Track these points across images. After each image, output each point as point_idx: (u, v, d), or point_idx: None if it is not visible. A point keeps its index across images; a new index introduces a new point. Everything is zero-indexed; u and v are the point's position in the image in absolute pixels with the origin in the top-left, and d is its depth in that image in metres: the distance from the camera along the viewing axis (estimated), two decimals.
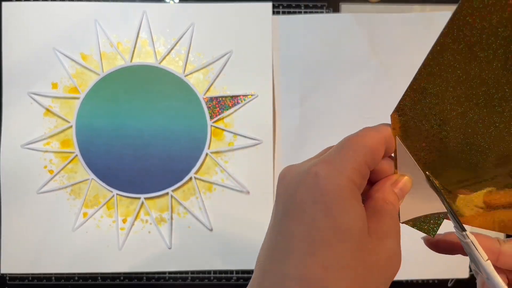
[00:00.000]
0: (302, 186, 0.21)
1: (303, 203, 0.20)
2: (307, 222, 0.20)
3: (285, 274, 0.19)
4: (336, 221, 0.20)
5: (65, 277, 0.54)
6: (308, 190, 0.21)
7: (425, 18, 0.54)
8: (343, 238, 0.19)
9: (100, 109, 0.53)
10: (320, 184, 0.20)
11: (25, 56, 0.54)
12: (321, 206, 0.20)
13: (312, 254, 0.19)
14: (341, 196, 0.20)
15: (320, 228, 0.20)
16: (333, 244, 0.19)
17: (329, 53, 0.54)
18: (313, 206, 0.20)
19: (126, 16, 0.54)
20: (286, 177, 0.23)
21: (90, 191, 0.54)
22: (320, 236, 0.19)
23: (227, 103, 0.54)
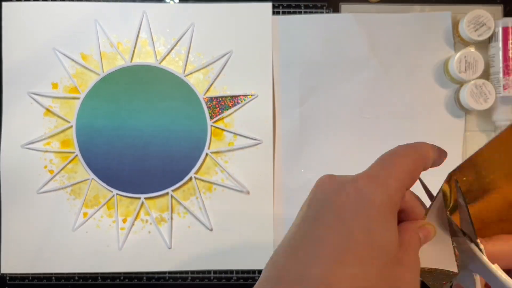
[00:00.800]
0: (343, 196, 0.21)
1: (342, 213, 0.20)
2: (343, 231, 0.20)
3: (307, 276, 0.19)
4: (374, 237, 0.20)
5: (65, 277, 0.54)
6: (349, 200, 0.21)
7: (425, 18, 0.54)
8: (376, 256, 0.19)
9: (100, 109, 0.53)
10: (363, 197, 0.20)
11: (25, 56, 0.54)
12: (362, 219, 0.20)
13: (341, 263, 0.19)
14: (383, 213, 0.20)
15: (356, 240, 0.19)
16: (365, 259, 0.19)
17: (329, 53, 0.54)
18: (353, 218, 0.20)
19: (126, 16, 0.54)
20: (326, 183, 0.22)
21: (90, 191, 0.54)
22: (354, 248, 0.19)
23: (227, 103, 0.54)
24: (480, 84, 0.51)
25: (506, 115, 0.52)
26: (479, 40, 0.52)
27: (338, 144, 0.54)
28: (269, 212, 0.53)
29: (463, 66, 0.51)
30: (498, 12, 0.55)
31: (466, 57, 0.51)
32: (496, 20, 0.52)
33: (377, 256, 0.19)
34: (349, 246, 0.19)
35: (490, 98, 0.51)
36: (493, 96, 0.51)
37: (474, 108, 0.51)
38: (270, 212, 0.53)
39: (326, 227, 0.20)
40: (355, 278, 0.19)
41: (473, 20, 0.51)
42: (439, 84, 0.54)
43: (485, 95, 0.51)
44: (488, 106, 0.51)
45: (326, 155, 0.54)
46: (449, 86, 0.54)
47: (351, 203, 0.20)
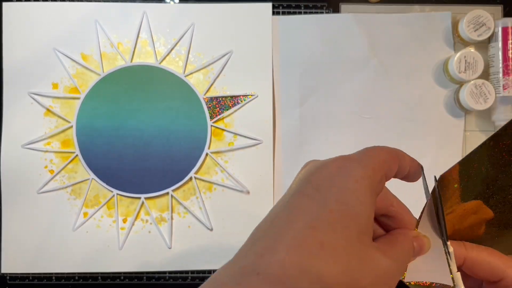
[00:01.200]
0: (324, 171, 0.22)
1: (319, 184, 0.21)
2: (318, 200, 0.21)
3: (281, 239, 0.20)
4: (348, 208, 0.20)
5: (66, 276, 0.54)
6: (329, 174, 0.22)
7: (425, 19, 0.54)
8: (348, 225, 0.20)
9: (101, 109, 0.53)
10: (342, 172, 0.21)
11: (25, 56, 0.54)
12: (337, 190, 0.21)
13: (313, 228, 0.20)
14: (360, 187, 0.21)
15: (331, 209, 0.20)
16: (337, 227, 0.20)
17: (329, 53, 0.55)
18: (329, 188, 0.21)
19: (127, 16, 0.54)
20: (309, 164, 0.24)
21: (90, 191, 0.54)
22: (327, 216, 0.20)
23: (227, 103, 0.54)
24: (479, 84, 0.51)
25: (506, 115, 0.52)
26: (479, 40, 0.52)
27: (338, 144, 0.54)
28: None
29: (462, 66, 0.51)
30: (498, 12, 0.55)
31: (466, 57, 0.51)
32: (495, 20, 0.52)
33: (348, 226, 0.20)
34: (323, 213, 0.20)
35: (490, 98, 0.51)
36: (493, 96, 0.51)
37: (474, 108, 0.51)
38: None
39: (304, 196, 0.21)
40: (325, 244, 0.19)
41: (473, 20, 0.51)
42: (439, 84, 0.55)
43: (484, 95, 0.51)
44: (488, 106, 0.51)
45: (326, 155, 0.54)
46: (448, 86, 0.54)
47: (331, 176, 0.22)
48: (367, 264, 0.20)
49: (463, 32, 0.52)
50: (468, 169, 0.26)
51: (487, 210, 0.26)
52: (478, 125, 0.54)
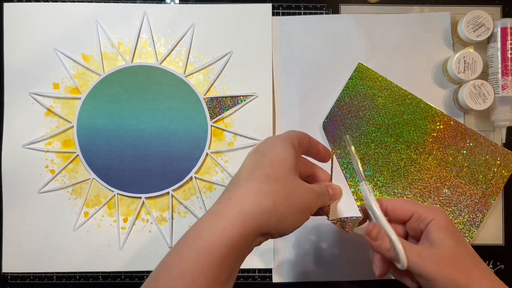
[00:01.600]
0: (260, 143, 0.36)
1: (258, 150, 0.35)
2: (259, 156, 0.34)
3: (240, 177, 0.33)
4: (278, 154, 0.34)
5: (66, 276, 0.54)
6: (262, 144, 0.36)
7: (424, 19, 0.55)
8: (280, 164, 0.34)
9: (101, 109, 0.54)
10: (270, 140, 0.36)
11: (26, 56, 0.54)
12: (270, 148, 0.35)
13: (259, 169, 0.33)
14: (282, 143, 0.35)
15: (267, 157, 0.34)
16: (273, 165, 0.33)
17: (328, 54, 0.55)
18: (265, 149, 0.35)
19: (127, 16, 0.54)
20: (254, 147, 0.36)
21: (91, 191, 0.54)
22: (266, 161, 0.34)
23: (227, 103, 0.54)
24: (478, 85, 0.51)
25: (505, 115, 0.52)
26: (478, 41, 0.52)
27: None
28: None
29: (462, 67, 0.51)
30: (497, 12, 0.55)
31: (465, 57, 0.51)
32: (494, 20, 0.53)
33: (280, 164, 0.34)
34: (263, 160, 0.34)
35: (489, 98, 0.51)
36: (492, 96, 0.51)
37: (473, 108, 0.51)
38: None
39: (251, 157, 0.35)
40: (269, 174, 0.33)
41: (472, 21, 0.52)
42: (438, 84, 0.55)
43: (483, 95, 0.51)
44: (487, 106, 0.51)
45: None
46: (448, 86, 0.55)
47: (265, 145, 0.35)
48: (295, 185, 0.34)
49: (462, 33, 0.52)
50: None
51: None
52: (477, 125, 0.55)
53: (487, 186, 0.52)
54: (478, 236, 0.54)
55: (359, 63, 0.54)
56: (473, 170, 0.53)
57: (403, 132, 0.53)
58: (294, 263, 0.54)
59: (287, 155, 0.34)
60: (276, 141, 0.35)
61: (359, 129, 0.54)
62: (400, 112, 0.54)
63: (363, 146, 0.53)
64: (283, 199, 0.32)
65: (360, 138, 0.54)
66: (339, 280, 0.53)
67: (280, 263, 0.54)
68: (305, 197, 0.34)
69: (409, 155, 0.53)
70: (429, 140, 0.53)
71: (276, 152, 0.34)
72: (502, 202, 0.54)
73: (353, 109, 0.54)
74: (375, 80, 0.54)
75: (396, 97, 0.54)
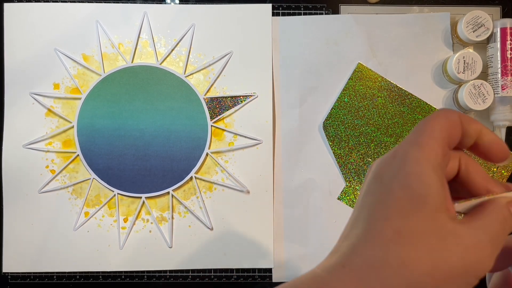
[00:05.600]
0: (382, 163, 0.22)
1: (382, 178, 0.22)
2: (383, 192, 0.21)
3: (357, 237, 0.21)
4: (411, 190, 0.20)
5: (67, 276, 0.54)
6: (386, 165, 0.22)
7: (424, 19, 0.55)
8: (417, 207, 0.20)
9: (102, 110, 0.54)
10: (398, 159, 0.22)
11: (27, 56, 0.54)
12: (398, 178, 0.21)
13: (385, 219, 0.20)
14: (418, 169, 0.21)
15: (396, 197, 0.21)
16: (407, 212, 0.20)
17: (328, 54, 0.55)
18: (391, 179, 0.21)
19: (127, 17, 0.54)
20: (375, 163, 0.24)
21: (91, 190, 0.54)
22: (395, 204, 0.21)
23: (227, 104, 0.54)
24: (478, 85, 0.51)
25: (504, 116, 0.52)
26: (478, 41, 0.52)
27: None
28: (269, 212, 0.54)
29: (461, 67, 0.52)
30: (497, 13, 0.55)
31: (465, 57, 0.51)
32: (494, 21, 0.53)
33: (418, 207, 0.20)
34: (390, 202, 0.21)
35: (488, 98, 0.51)
36: (491, 96, 0.51)
37: (473, 109, 0.51)
38: (270, 211, 0.54)
39: (372, 195, 0.22)
40: (401, 230, 0.20)
41: (472, 21, 0.52)
42: (438, 85, 0.55)
43: (483, 96, 0.51)
44: (486, 106, 0.51)
45: (326, 155, 0.54)
46: (447, 87, 0.55)
47: (389, 168, 0.22)
48: (449, 241, 0.20)
49: (461, 33, 0.52)
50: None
51: None
52: None
53: None
54: None
55: (359, 63, 0.54)
56: None
57: (403, 132, 0.54)
58: (294, 263, 0.54)
59: (429, 190, 0.20)
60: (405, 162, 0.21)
61: (359, 129, 0.54)
62: (400, 112, 0.54)
63: (363, 146, 0.54)
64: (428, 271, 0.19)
65: (360, 138, 0.54)
66: None
67: (280, 263, 0.54)
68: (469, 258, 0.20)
69: None
70: None
71: (410, 186, 0.21)
72: None
73: (353, 109, 0.54)
74: (375, 80, 0.54)
75: (396, 97, 0.54)
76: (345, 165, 0.54)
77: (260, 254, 0.54)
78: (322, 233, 0.54)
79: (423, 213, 0.20)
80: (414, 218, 0.20)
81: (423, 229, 0.20)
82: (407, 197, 0.20)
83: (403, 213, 0.20)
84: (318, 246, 0.54)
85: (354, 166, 0.54)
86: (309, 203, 0.54)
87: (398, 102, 0.54)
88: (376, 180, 0.22)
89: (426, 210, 0.20)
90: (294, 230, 0.54)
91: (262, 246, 0.53)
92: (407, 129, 0.53)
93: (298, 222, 0.54)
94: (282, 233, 0.54)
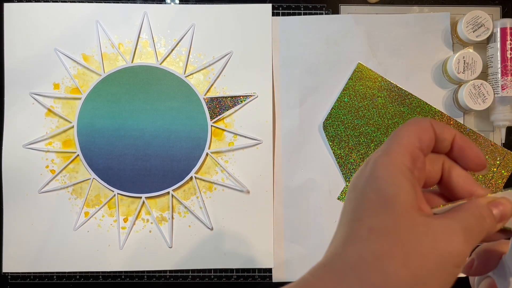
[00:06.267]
0: (358, 174, 0.24)
1: (356, 186, 0.23)
2: (358, 197, 0.23)
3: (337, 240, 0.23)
4: (381, 191, 0.22)
5: (67, 276, 0.54)
6: (360, 175, 0.24)
7: (424, 19, 0.55)
8: (388, 206, 0.21)
9: (102, 110, 0.54)
10: (368, 167, 0.23)
11: (27, 56, 0.54)
12: (369, 183, 0.23)
13: (359, 220, 0.22)
14: (386, 173, 0.22)
15: (368, 199, 0.22)
16: (378, 211, 0.22)
17: (328, 54, 0.55)
18: (364, 185, 0.23)
19: (127, 17, 0.54)
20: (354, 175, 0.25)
21: (91, 190, 0.54)
22: (368, 206, 0.22)
23: (227, 104, 0.54)
24: (478, 85, 0.51)
25: (504, 115, 0.52)
26: (478, 41, 0.52)
27: None
28: (269, 212, 0.54)
29: (461, 67, 0.52)
30: (497, 13, 0.55)
31: (465, 57, 0.51)
32: (494, 21, 0.53)
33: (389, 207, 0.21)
34: (364, 205, 0.22)
35: (488, 98, 0.51)
36: (491, 96, 0.51)
37: (472, 109, 0.51)
38: (270, 211, 0.54)
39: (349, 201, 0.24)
40: (373, 228, 0.21)
41: (472, 21, 0.52)
42: (438, 85, 0.55)
43: (483, 96, 0.51)
44: (486, 106, 0.51)
45: (326, 155, 0.54)
46: (447, 87, 0.55)
47: (362, 176, 0.23)
48: (420, 231, 0.21)
49: (461, 33, 0.52)
50: None
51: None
52: (477, 125, 0.55)
53: (486, 186, 0.53)
54: None
55: (359, 63, 0.54)
56: None
57: None
58: (294, 263, 0.54)
59: (397, 190, 0.22)
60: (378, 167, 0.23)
61: (359, 129, 0.54)
62: (400, 112, 0.54)
63: (363, 146, 0.54)
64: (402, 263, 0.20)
65: (360, 138, 0.54)
66: None
67: (280, 263, 0.54)
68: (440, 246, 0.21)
69: None
70: None
71: (379, 188, 0.22)
72: None
73: (353, 109, 0.54)
74: (375, 80, 0.54)
75: (396, 97, 0.54)
76: (345, 165, 0.54)
77: (260, 254, 0.54)
78: (322, 233, 0.54)
79: (393, 210, 0.21)
80: (385, 216, 0.21)
81: (394, 224, 0.21)
82: (378, 198, 0.22)
83: (375, 213, 0.22)
84: (318, 246, 0.54)
85: (354, 166, 0.54)
86: (309, 203, 0.54)
87: (398, 102, 0.54)
88: (352, 188, 0.24)
89: (396, 208, 0.21)
90: (294, 230, 0.54)
91: (262, 246, 0.53)
92: None
93: (298, 222, 0.54)
94: (282, 233, 0.54)
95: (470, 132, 0.53)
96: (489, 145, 0.53)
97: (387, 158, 0.23)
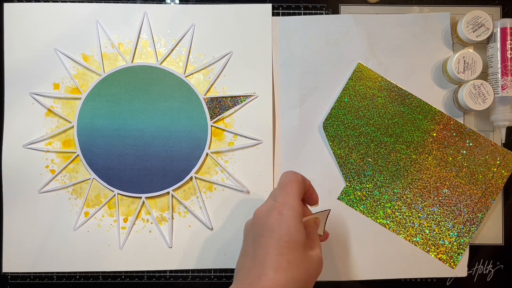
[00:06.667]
0: (271, 218, 0.37)
1: (273, 227, 0.36)
2: (277, 237, 0.36)
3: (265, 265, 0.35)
4: (292, 237, 0.36)
5: (67, 276, 0.54)
6: (275, 220, 0.37)
7: (424, 19, 0.55)
8: (296, 247, 0.36)
9: (101, 110, 0.54)
10: (281, 216, 0.37)
11: (27, 56, 0.54)
12: (284, 228, 0.36)
13: (281, 255, 0.35)
14: (294, 223, 0.36)
15: (284, 240, 0.36)
16: (292, 250, 0.36)
17: (328, 54, 0.55)
18: (279, 228, 0.36)
19: (127, 17, 0.54)
20: (256, 216, 0.38)
21: (91, 190, 0.54)
22: (285, 246, 0.36)
23: (227, 104, 0.54)
24: (478, 85, 0.51)
25: (504, 115, 0.52)
26: (478, 41, 0.52)
27: None
28: None
29: (461, 67, 0.52)
30: (497, 13, 0.55)
31: (465, 57, 0.51)
32: (494, 21, 0.53)
33: (296, 247, 0.36)
34: (282, 245, 0.35)
35: (488, 98, 0.51)
36: (491, 96, 0.51)
37: (472, 109, 0.51)
38: None
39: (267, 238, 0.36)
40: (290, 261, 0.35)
41: (472, 21, 0.52)
42: (438, 84, 0.55)
43: (483, 96, 0.51)
44: (486, 106, 0.51)
45: (326, 155, 0.54)
46: (447, 87, 0.55)
47: (276, 221, 0.36)
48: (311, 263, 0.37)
49: (461, 33, 0.52)
50: None
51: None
52: (477, 125, 0.55)
53: (486, 186, 0.53)
54: (477, 236, 0.54)
55: (359, 63, 0.54)
56: (472, 170, 0.53)
57: (403, 132, 0.54)
58: None
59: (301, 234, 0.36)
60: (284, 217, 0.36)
61: (358, 129, 0.54)
62: (400, 112, 0.54)
63: (363, 146, 0.54)
64: (303, 283, 0.36)
65: (360, 138, 0.54)
66: (340, 280, 0.54)
67: None
68: (317, 270, 0.38)
69: (409, 155, 0.53)
70: (429, 140, 0.53)
71: (291, 233, 0.36)
72: (501, 202, 0.54)
73: (353, 109, 0.54)
74: (375, 80, 0.54)
75: (396, 97, 0.54)
76: (345, 165, 0.54)
77: None
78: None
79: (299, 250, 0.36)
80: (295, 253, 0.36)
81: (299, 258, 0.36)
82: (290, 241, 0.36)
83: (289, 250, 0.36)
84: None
85: (354, 166, 0.54)
86: None
87: (398, 102, 0.54)
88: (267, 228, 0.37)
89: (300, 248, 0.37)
90: None
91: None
92: (407, 129, 0.53)
93: None
94: None
95: (470, 132, 0.53)
96: (489, 145, 0.53)
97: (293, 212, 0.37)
